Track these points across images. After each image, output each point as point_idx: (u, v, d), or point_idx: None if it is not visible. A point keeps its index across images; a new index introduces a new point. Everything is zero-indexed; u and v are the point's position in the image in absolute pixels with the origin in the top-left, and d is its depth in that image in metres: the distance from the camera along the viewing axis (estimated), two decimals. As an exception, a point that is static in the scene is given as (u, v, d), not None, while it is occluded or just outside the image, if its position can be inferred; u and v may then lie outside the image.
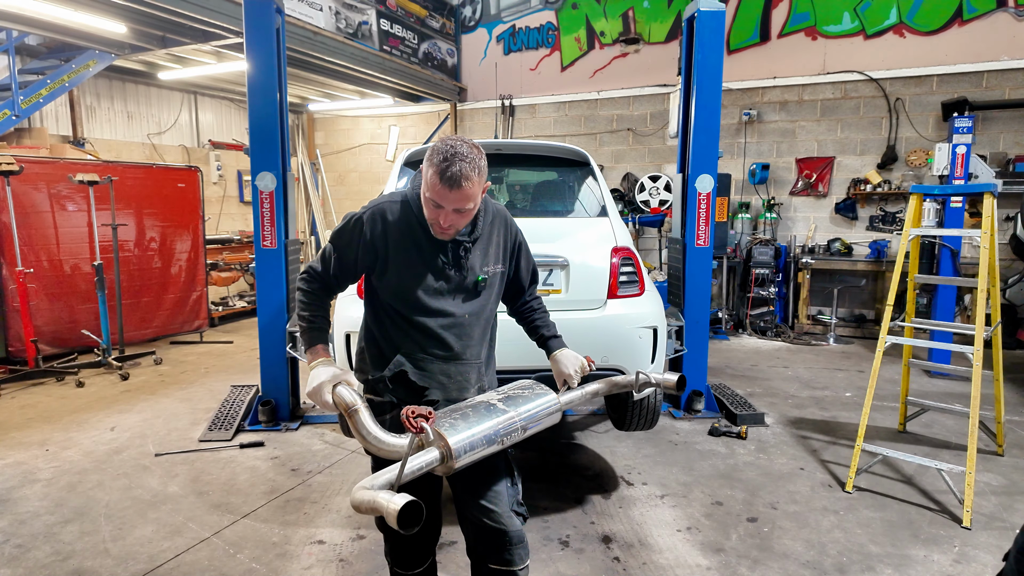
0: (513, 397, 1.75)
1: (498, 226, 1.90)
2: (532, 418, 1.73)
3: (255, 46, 4.12)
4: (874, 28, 7.30)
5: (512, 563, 1.79)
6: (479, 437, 1.56)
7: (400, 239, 1.77)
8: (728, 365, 6.11)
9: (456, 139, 1.64)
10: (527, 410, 1.72)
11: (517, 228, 1.99)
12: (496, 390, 1.80)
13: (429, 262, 1.78)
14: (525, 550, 1.82)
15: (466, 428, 1.56)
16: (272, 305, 4.34)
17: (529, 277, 2.06)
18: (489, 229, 1.87)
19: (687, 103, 4.58)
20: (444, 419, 1.56)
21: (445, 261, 1.78)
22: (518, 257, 1.99)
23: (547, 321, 2.06)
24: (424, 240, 1.77)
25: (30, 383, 5.31)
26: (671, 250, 4.94)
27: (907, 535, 2.95)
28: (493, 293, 1.91)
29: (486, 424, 1.60)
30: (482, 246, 1.85)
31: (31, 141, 6.49)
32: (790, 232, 7.88)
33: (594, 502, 3.28)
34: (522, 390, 1.81)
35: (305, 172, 10.11)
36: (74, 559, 2.73)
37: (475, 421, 1.59)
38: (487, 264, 1.85)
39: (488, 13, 9.27)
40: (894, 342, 3.52)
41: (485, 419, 1.61)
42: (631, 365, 3.08)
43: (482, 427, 1.59)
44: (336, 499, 3.30)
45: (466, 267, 1.80)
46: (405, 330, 1.81)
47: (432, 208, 1.68)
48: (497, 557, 1.79)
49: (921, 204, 3.94)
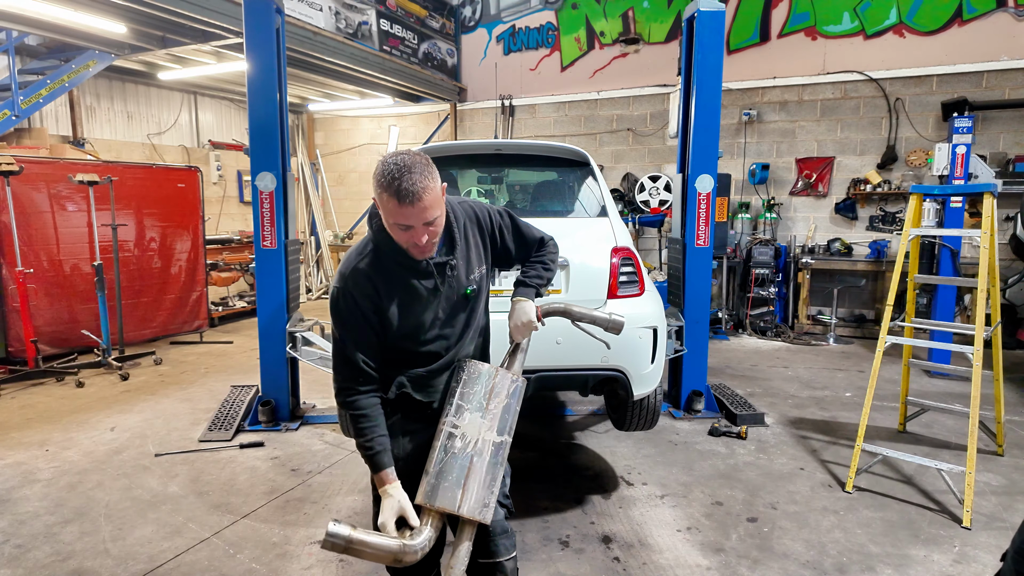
0: (462, 407, 1.76)
1: (471, 228, 1.85)
2: (497, 417, 1.76)
3: (255, 46, 4.12)
4: (874, 28, 7.30)
5: (496, 553, 1.79)
6: (476, 488, 1.67)
7: (389, 290, 1.72)
8: (728, 365, 6.11)
9: (394, 155, 1.56)
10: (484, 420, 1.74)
11: (491, 213, 1.92)
12: (446, 409, 1.77)
13: (423, 297, 1.74)
14: (510, 540, 1.83)
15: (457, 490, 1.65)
16: (272, 305, 4.34)
17: (529, 245, 2.00)
18: (464, 235, 1.82)
19: (687, 103, 4.58)
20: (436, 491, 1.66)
21: (434, 287, 1.75)
22: (503, 237, 1.93)
23: (532, 272, 1.99)
24: (410, 277, 1.72)
25: (30, 383, 5.30)
26: (671, 250, 4.94)
27: (907, 535, 2.95)
28: (482, 298, 1.91)
29: (475, 475, 1.68)
30: (462, 256, 1.80)
31: (31, 141, 6.49)
32: (790, 232, 7.88)
33: (594, 502, 3.28)
34: (469, 385, 1.79)
35: (305, 172, 10.11)
36: (74, 559, 2.73)
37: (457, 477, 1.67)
38: (472, 272, 1.83)
39: (488, 13, 9.28)
40: (894, 342, 3.52)
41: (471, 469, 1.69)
42: (631, 365, 3.08)
43: (473, 480, 1.68)
44: (336, 499, 3.30)
45: (454, 286, 1.79)
46: (407, 359, 1.81)
47: (402, 232, 1.59)
48: (482, 550, 1.79)
49: (921, 204, 3.94)
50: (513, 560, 1.83)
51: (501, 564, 1.79)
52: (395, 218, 1.57)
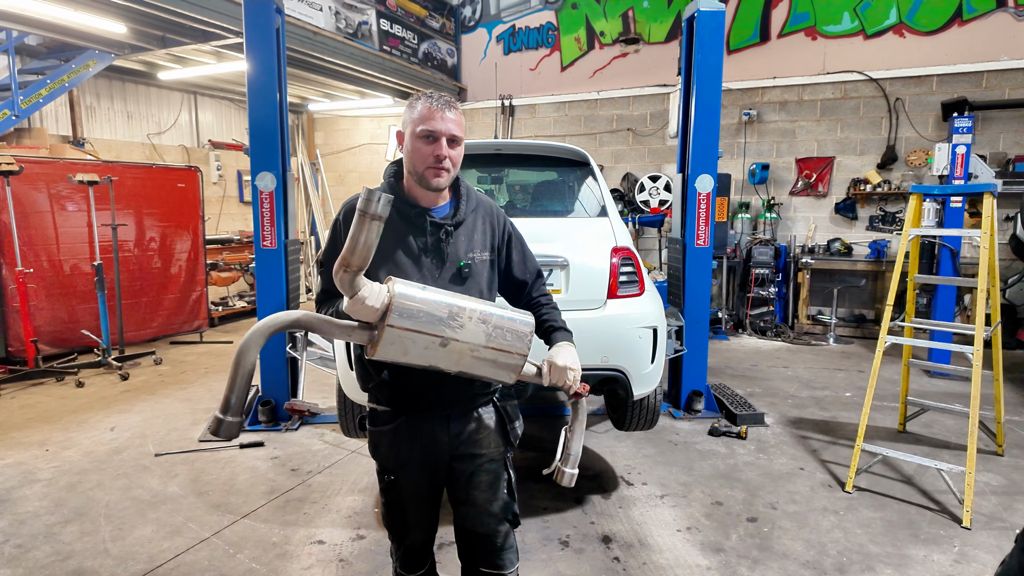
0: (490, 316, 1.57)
1: (483, 214, 1.82)
2: (492, 312, 1.55)
3: (255, 46, 4.12)
4: (874, 28, 7.30)
5: (503, 566, 1.81)
6: (431, 302, 1.47)
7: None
8: (728, 365, 6.11)
9: None
10: (496, 313, 1.55)
11: (506, 219, 1.90)
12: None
13: (409, 251, 1.70)
14: (516, 555, 1.85)
15: (419, 290, 1.48)
16: (272, 305, 4.34)
17: (529, 271, 1.92)
18: (472, 216, 1.79)
19: (687, 103, 4.58)
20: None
21: (425, 246, 1.70)
22: (509, 247, 1.88)
23: (556, 316, 1.89)
24: (403, 227, 1.70)
25: (30, 383, 5.30)
26: (671, 250, 4.93)
27: (907, 535, 2.95)
28: (483, 282, 1.79)
29: (443, 297, 1.50)
30: (465, 232, 1.76)
31: (31, 141, 6.49)
32: (790, 232, 7.88)
33: (594, 502, 3.28)
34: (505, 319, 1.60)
35: (305, 172, 10.10)
36: (74, 559, 2.73)
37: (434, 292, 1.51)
38: (471, 251, 1.76)
39: (488, 13, 9.27)
40: (894, 342, 3.52)
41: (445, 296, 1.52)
42: (631, 365, 3.08)
43: (438, 296, 1.49)
44: (336, 499, 3.30)
45: (447, 252, 1.72)
46: None
47: (426, 144, 1.63)
48: (488, 561, 1.81)
49: (921, 204, 3.94)
50: (516, 573, 1.85)
51: None
52: (425, 123, 1.62)
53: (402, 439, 1.76)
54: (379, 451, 1.81)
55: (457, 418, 1.77)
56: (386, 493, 1.82)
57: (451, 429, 1.76)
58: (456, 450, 1.77)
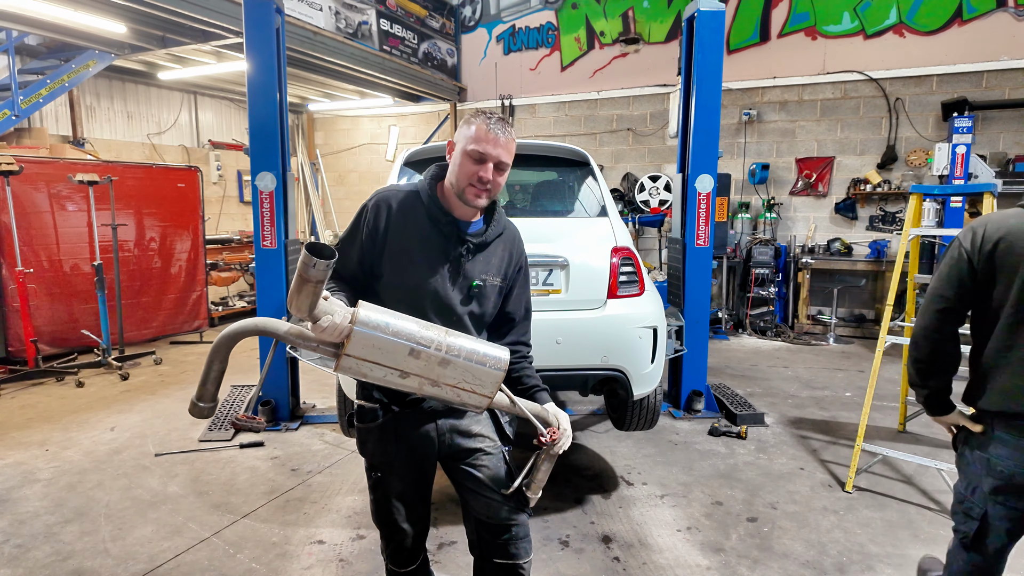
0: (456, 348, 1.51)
1: (507, 241, 1.84)
2: (461, 354, 1.48)
3: (255, 46, 4.12)
4: (874, 28, 7.30)
5: (518, 556, 1.80)
6: (394, 328, 1.43)
7: (403, 227, 1.71)
8: (728, 365, 6.11)
9: None
10: (461, 346, 1.49)
11: (523, 251, 1.91)
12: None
13: (429, 256, 1.71)
14: (530, 544, 1.84)
15: (384, 315, 1.45)
16: (272, 305, 4.34)
17: (521, 308, 1.90)
18: (496, 241, 1.81)
19: (687, 103, 4.58)
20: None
21: (447, 256, 1.72)
22: (516, 279, 1.88)
23: (533, 372, 1.87)
24: (431, 233, 1.72)
25: (30, 383, 5.30)
26: (671, 250, 4.94)
27: (907, 535, 2.95)
28: (489, 305, 1.80)
29: (409, 325, 1.45)
30: (486, 254, 1.78)
31: (31, 141, 6.49)
32: (790, 232, 7.88)
33: (594, 502, 3.28)
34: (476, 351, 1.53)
35: (305, 172, 10.11)
36: (74, 559, 2.73)
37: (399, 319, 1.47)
38: (486, 273, 1.78)
39: (488, 13, 9.28)
40: (894, 342, 3.52)
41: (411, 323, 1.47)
42: (631, 365, 3.08)
43: (403, 324, 1.45)
44: (336, 499, 3.30)
45: (464, 268, 1.74)
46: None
47: (473, 164, 1.65)
48: (502, 551, 1.80)
49: (921, 204, 3.94)
50: (530, 563, 1.85)
51: (521, 566, 1.81)
52: (478, 144, 1.64)
53: (389, 436, 1.77)
54: (366, 448, 1.81)
55: (446, 415, 1.78)
56: (374, 490, 1.83)
57: (440, 425, 1.77)
58: (451, 445, 1.78)
